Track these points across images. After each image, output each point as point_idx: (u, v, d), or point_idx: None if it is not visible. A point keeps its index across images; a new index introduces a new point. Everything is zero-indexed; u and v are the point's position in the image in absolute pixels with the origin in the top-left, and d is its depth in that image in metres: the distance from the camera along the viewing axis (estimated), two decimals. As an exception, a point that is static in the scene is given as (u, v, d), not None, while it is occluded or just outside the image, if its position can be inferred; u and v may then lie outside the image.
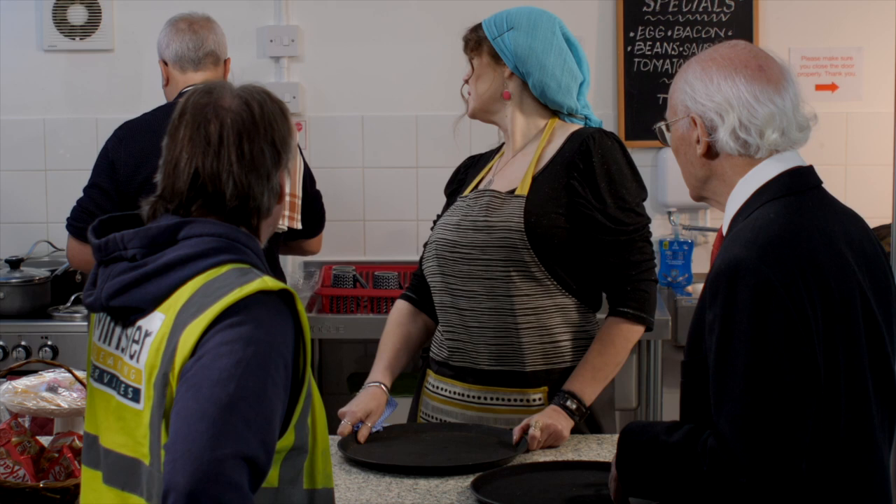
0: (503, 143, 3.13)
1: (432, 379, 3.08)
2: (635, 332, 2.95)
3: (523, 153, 3.02)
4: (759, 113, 2.15)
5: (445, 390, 3.03)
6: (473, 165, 3.20)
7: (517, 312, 2.92)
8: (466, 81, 3.06)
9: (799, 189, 2.15)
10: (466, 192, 3.08)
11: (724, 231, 2.21)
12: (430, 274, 3.05)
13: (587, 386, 2.89)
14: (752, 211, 2.13)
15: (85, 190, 3.89)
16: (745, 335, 2.00)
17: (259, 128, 2.00)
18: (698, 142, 2.19)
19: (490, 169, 3.11)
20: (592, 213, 2.90)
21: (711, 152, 2.19)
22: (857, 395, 2.08)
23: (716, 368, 2.04)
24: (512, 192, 2.96)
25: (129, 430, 1.94)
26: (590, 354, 2.92)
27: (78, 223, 3.84)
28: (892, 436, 2.18)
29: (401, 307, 3.18)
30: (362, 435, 2.85)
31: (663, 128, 2.28)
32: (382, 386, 3.00)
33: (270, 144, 2.01)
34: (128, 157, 3.79)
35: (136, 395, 1.93)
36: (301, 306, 1.94)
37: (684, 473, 2.06)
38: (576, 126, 3.02)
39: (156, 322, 1.92)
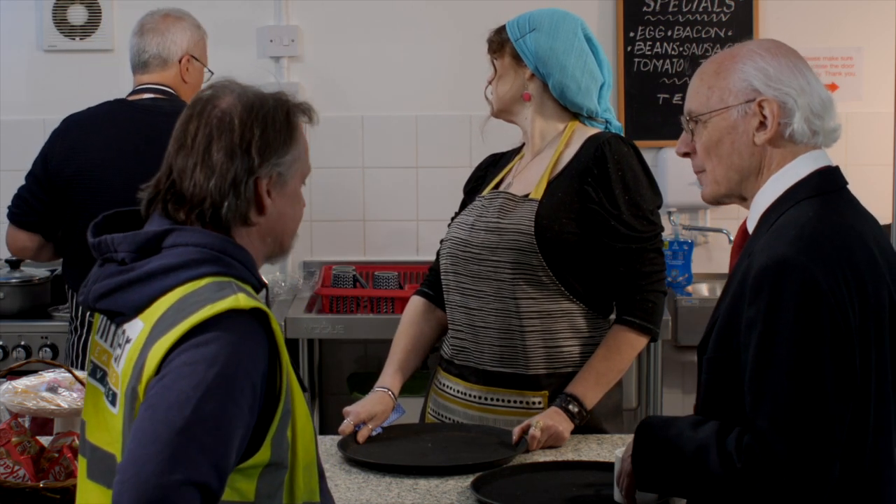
0: (524, 144, 3.13)
1: (440, 376, 3.09)
2: (640, 341, 2.96)
3: (541, 156, 3.02)
4: (826, 100, 2.18)
5: (450, 388, 3.04)
6: (494, 164, 3.19)
7: (522, 315, 2.92)
8: (490, 83, 3.06)
9: (830, 189, 2.18)
10: (485, 192, 3.08)
11: (752, 227, 2.20)
12: (444, 272, 3.06)
13: (589, 390, 2.90)
14: (787, 208, 2.13)
15: (25, 177, 3.92)
16: (790, 333, 2.00)
17: (235, 132, 1.96)
18: (761, 127, 2.16)
19: (510, 170, 3.10)
20: (606, 219, 2.90)
21: (777, 138, 2.17)
22: (882, 397, 2.09)
23: (755, 365, 2.03)
24: (526, 195, 2.96)
25: (110, 429, 1.94)
26: (594, 359, 2.92)
27: (16, 210, 3.88)
28: None
29: (416, 304, 3.17)
30: (361, 436, 2.85)
31: (693, 120, 2.22)
32: (390, 392, 2.99)
33: (244, 150, 1.96)
34: (60, 150, 3.86)
35: (114, 399, 1.93)
36: (276, 325, 1.91)
37: (713, 470, 2.06)
38: (594, 130, 3.02)
39: (136, 329, 1.90)
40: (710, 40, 4.88)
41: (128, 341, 1.91)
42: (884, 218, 4.43)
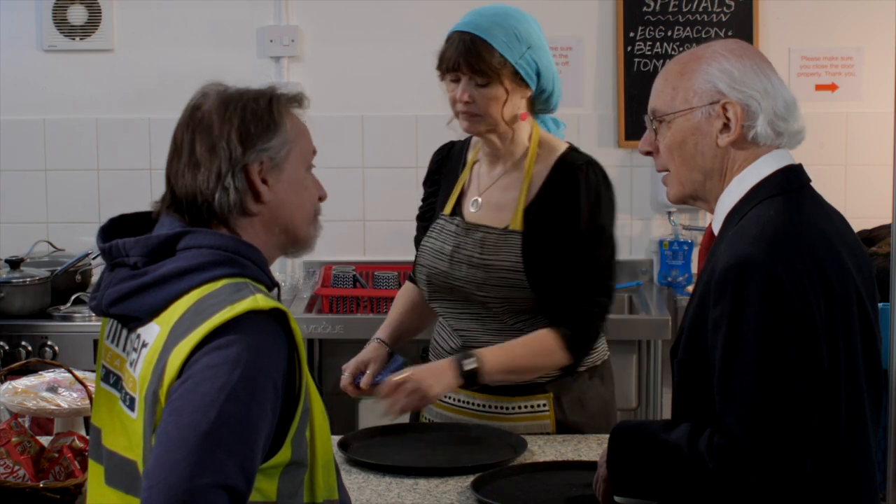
0: (469, 137, 3.04)
1: None
2: (562, 358, 2.84)
3: (510, 174, 2.93)
4: (789, 102, 2.17)
5: (450, 398, 3.00)
6: (447, 159, 3.11)
7: (515, 333, 2.89)
8: (467, 102, 2.86)
9: (792, 187, 2.17)
10: (447, 209, 3.00)
11: (717, 229, 2.20)
12: (428, 299, 3.03)
13: (496, 360, 2.80)
14: (750, 209, 2.14)
15: None
16: (755, 332, 2.01)
17: (214, 126, 1.97)
18: (724, 129, 2.16)
19: (469, 180, 3.02)
20: (572, 247, 2.83)
21: (740, 140, 2.17)
22: (853, 391, 2.09)
23: (722, 365, 2.04)
24: (506, 227, 2.90)
25: (128, 434, 1.94)
26: (517, 343, 2.84)
27: None
28: (877, 431, 2.19)
29: (409, 285, 3.18)
30: (365, 382, 2.84)
31: (657, 119, 2.23)
32: (377, 340, 3.00)
33: (225, 140, 1.96)
34: None
35: (132, 404, 1.92)
36: (295, 325, 1.91)
37: (686, 471, 2.06)
38: (559, 147, 2.92)
39: (152, 333, 1.90)
40: (709, 40, 4.87)
41: (144, 345, 1.91)
42: (884, 218, 4.42)
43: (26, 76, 4.91)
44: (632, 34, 4.88)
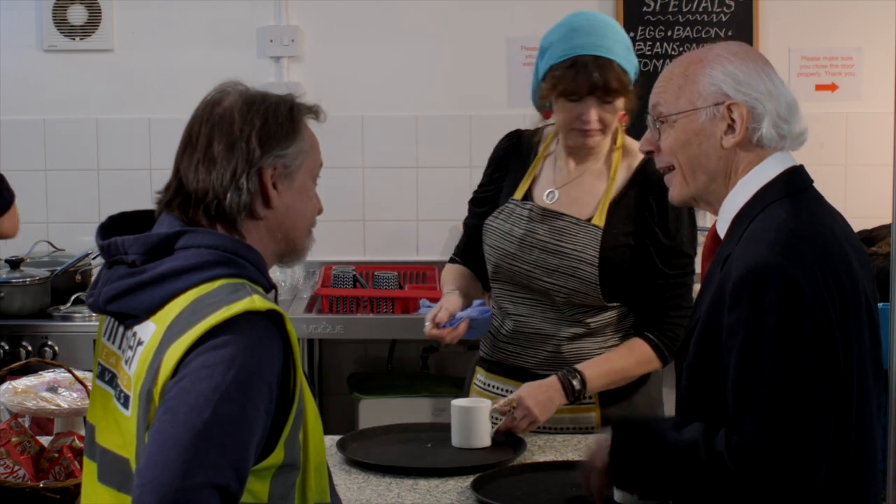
0: (540, 128, 3.05)
1: (482, 376, 3.09)
2: (655, 363, 2.97)
3: (593, 172, 2.97)
4: (791, 104, 2.18)
5: (496, 387, 3.04)
6: (518, 147, 3.10)
7: (572, 326, 2.94)
8: (598, 120, 2.87)
9: (798, 189, 2.17)
10: (518, 195, 3.02)
11: (723, 232, 2.20)
12: (491, 279, 3.06)
13: (597, 379, 2.90)
14: (758, 211, 2.13)
15: None
16: (774, 337, 2.00)
17: (235, 124, 1.97)
18: (729, 131, 2.16)
19: (540, 170, 3.04)
20: (658, 252, 2.90)
21: (745, 142, 2.17)
22: (863, 392, 2.09)
23: (740, 369, 2.03)
24: (589, 219, 2.93)
25: (122, 432, 1.94)
26: (614, 355, 2.93)
27: None
28: (879, 431, 2.20)
29: (451, 265, 3.19)
30: (441, 318, 2.88)
31: (660, 119, 2.22)
32: (451, 290, 3.00)
33: (244, 140, 1.97)
34: None
35: (126, 401, 1.92)
36: (290, 326, 1.91)
37: (701, 471, 2.05)
38: (638, 151, 2.92)
39: (148, 331, 1.90)
40: (710, 40, 4.88)
41: (139, 343, 1.91)
42: (884, 218, 4.42)
43: (26, 76, 4.91)
44: (632, 34, 4.88)
